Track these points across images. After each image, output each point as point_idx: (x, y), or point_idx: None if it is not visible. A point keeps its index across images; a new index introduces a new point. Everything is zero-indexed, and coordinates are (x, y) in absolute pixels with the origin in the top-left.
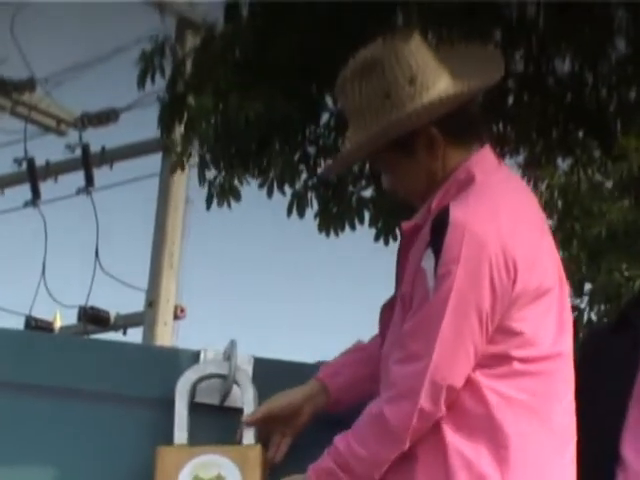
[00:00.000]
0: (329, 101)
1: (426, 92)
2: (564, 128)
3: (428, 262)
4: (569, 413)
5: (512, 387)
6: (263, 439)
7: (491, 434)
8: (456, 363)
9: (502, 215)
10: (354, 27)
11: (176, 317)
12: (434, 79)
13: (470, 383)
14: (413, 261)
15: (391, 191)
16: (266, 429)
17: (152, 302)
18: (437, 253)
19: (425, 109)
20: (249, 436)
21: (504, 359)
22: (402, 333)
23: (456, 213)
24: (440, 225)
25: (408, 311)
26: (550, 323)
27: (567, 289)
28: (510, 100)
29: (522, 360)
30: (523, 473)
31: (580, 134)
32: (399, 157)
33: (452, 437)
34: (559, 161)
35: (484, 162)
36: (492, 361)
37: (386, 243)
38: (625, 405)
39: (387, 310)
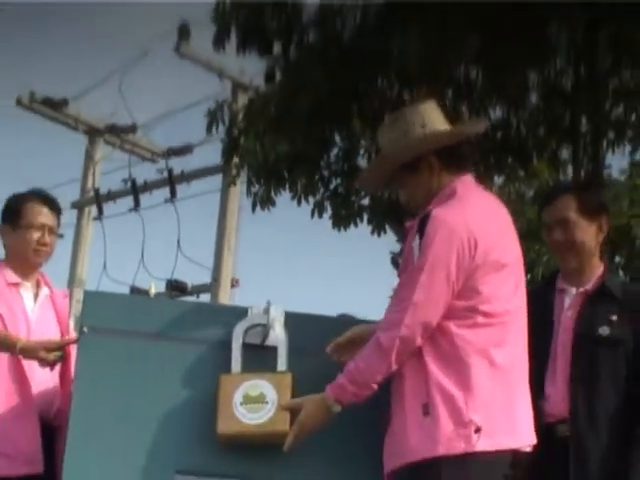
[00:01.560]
0: (337, 140)
1: (431, 133)
2: (498, 156)
3: (416, 242)
4: (519, 356)
5: (474, 335)
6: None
7: (458, 367)
8: (429, 306)
9: (469, 210)
10: (352, 88)
11: (232, 286)
12: (438, 126)
13: (445, 331)
14: (408, 244)
15: (405, 203)
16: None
17: (216, 276)
18: (421, 236)
19: (423, 141)
20: (282, 364)
21: (471, 311)
22: (396, 287)
23: (436, 211)
24: (425, 219)
25: None
26: (508, 288)
27: (522, 267)
28: None
29: (484, 314)
30: (479, 395)
31: (509, 160)
32: (409, 176)
33: (432, 366)
34: (495, 178)
35: (464, 182)
36: (463, 313)
37: (379, 235)
38: (548, 351)
39: None
